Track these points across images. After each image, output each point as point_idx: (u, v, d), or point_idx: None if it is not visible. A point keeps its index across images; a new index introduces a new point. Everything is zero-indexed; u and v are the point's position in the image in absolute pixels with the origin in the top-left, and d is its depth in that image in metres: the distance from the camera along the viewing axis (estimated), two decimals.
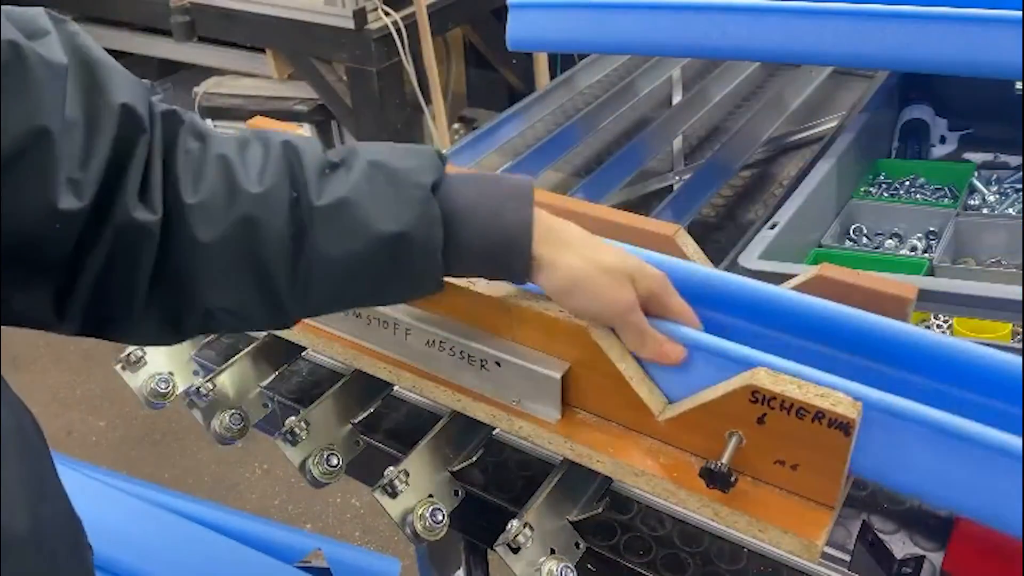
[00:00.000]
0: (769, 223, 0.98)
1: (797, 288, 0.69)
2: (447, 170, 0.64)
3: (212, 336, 1.00)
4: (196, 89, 2.84)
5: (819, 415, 0.57)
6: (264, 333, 0.94)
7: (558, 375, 0.68)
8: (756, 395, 0.59)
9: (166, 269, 0.56)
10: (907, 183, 1.20)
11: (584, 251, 0.65)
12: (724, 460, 0.60)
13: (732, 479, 0.60)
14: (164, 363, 0.93)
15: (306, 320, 0.85)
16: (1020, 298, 0.78)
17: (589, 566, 0.74)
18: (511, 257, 0.63)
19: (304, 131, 0.88)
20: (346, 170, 0.60)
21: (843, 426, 0.56)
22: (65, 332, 0.57)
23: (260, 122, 1.04)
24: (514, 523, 0.68)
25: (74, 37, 0.54)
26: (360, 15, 2.37)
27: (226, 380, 0.89)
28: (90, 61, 0.54)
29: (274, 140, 0.61)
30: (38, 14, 0.53)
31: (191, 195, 0.56)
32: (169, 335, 0.60)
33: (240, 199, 0.57)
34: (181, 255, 0.56)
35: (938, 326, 0.99)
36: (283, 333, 0.88)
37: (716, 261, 0.83)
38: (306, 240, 0.58)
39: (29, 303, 0.54)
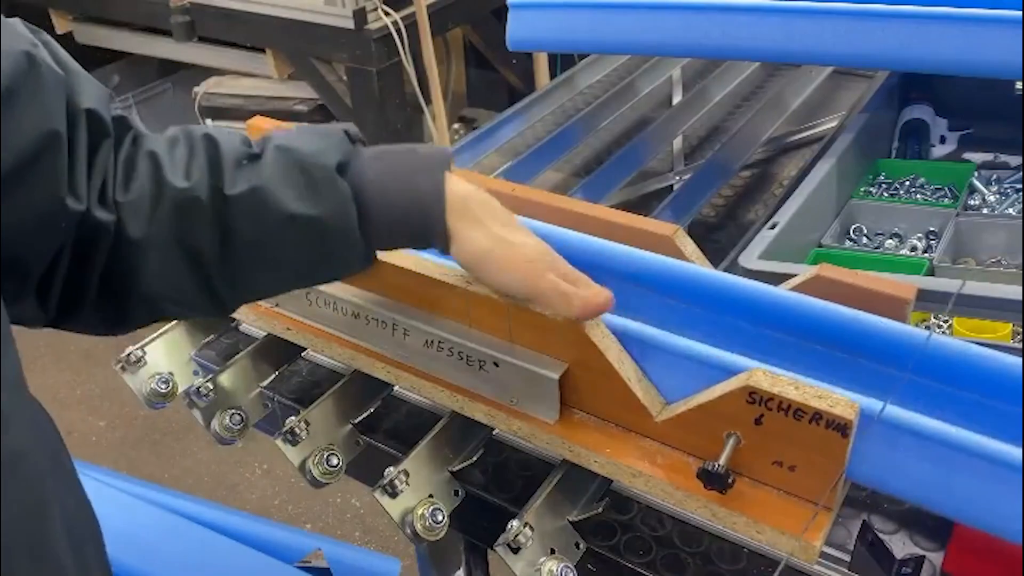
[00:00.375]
0: (769, 223, 0.98)
1: (796, 289, 0.69)
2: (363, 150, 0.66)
3: (212, 336, 1.00)
4: (196, 89, 2.85)
5: (816, 416, 0.57)
6: (264, 333, 0.94)
7: (556, 375, 0.68)
8: (753, 396, 0.59)
9: (110, 266, 0.59)
10: (907, 183, 1.20)
11: (493, 228, 0.65)
12: (721, 461, 0.60)
13: (729, 480, 0.60)
14: (164, 363, 0.93)
15: (305, 320, 0.85)
16: (1020, 298, 0.78)
17: (589, 566, 0.74)
18: (426, 227, 0.65)
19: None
20: (260, 158, 0.63)
21: (840, 427, 0.56)
22: (39, 325, 0.61)
23: (259, 122, 1.04)
24: (514, 523, 0.68)
25: (50, 46, 0.57)
26: (360, 15, 2.37)
27: (226, 380, 0.89)
28: (69, 70, 0.57)
29: (197, 135, 0.64)
30: (17, 24, 0.55)
31: (122, 193, 0.59)
32: (116, 325, 0.63)
33: (166, 191, 0.60)
34: (120, 252, 0.59)
35: (938, 326, 0.99)
36: (282, 333, 0.88)
37: (716, 261, 0.83)
38: (228, 229, 0.61)
39: (21, 302, 0.57)
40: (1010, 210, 1.12)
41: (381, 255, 0.72)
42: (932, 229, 1.10)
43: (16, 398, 0.47)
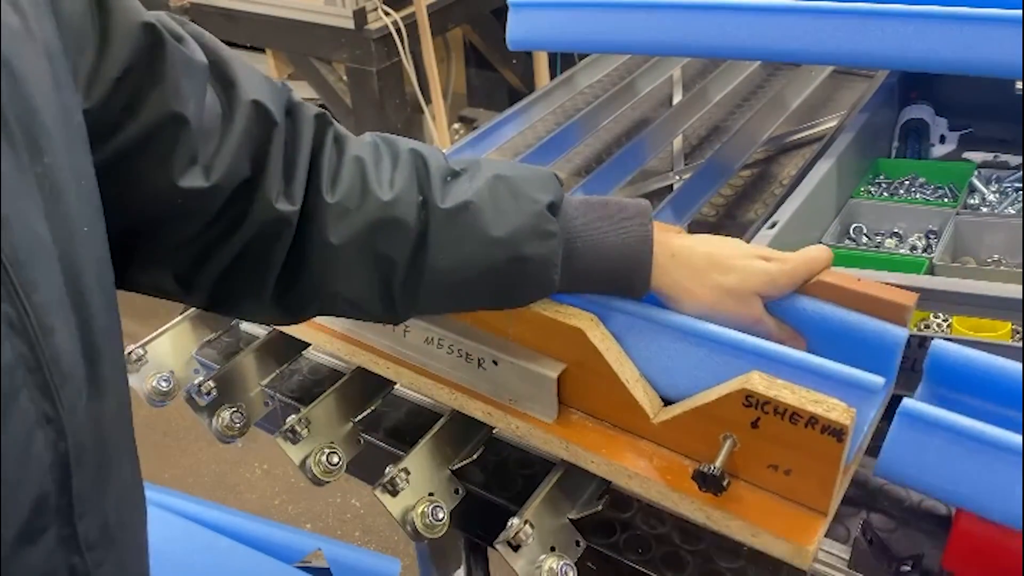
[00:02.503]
0: (769, 223, 0.98)
1: (795, 293, 0.69)
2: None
3: (213, 334, 1.00)
4: None
5: (812, 421, 0.57)
6: (265, 332, 0.94)
7: (554, 375, 0.69)
8: (750, 399, 0.59)
9: (296, 259, 0.61)
10: (907, 183, 1.20)
11: (709, 277, 0.66)
12: (717, 464, 0.60)
13: (724, 483, 0.60)
14: (165, 362, 0.93)
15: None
16: (1020, 297, 0.78)
17: (589, 564, 0.74)
18: (632, 277, 0.65)
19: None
20: (469, 178, 0.64)
21: (836, 432, 0.56)
22: (192, 304, 0.63)
23: None
24: (515, 521, 0.68)
25: (202, 37, 0.59)
26: (360, 15, 2.37)
27: (227, 378, 0.89)
28: (222, 60, 0.58)
29: (402, 147, 0.65)
30: (162, 16, 0.56)
31: (329, 194, 0.60)
32: (287, 316, 0.66)
33: (370, 202, 0.62)
34: (312, 249, 0.61)
35: (938, 325, 0.99)
36: (285, 329, 0.89)
37: None
38: (428, 240, 0.62)
39: (152, 275, 0.59)
40: (1010, 209, 1.12)
41: None
42: (932, 228, 1.10)
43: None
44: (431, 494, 0.76)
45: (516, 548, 0.68)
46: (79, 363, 0.42)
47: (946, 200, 1.16)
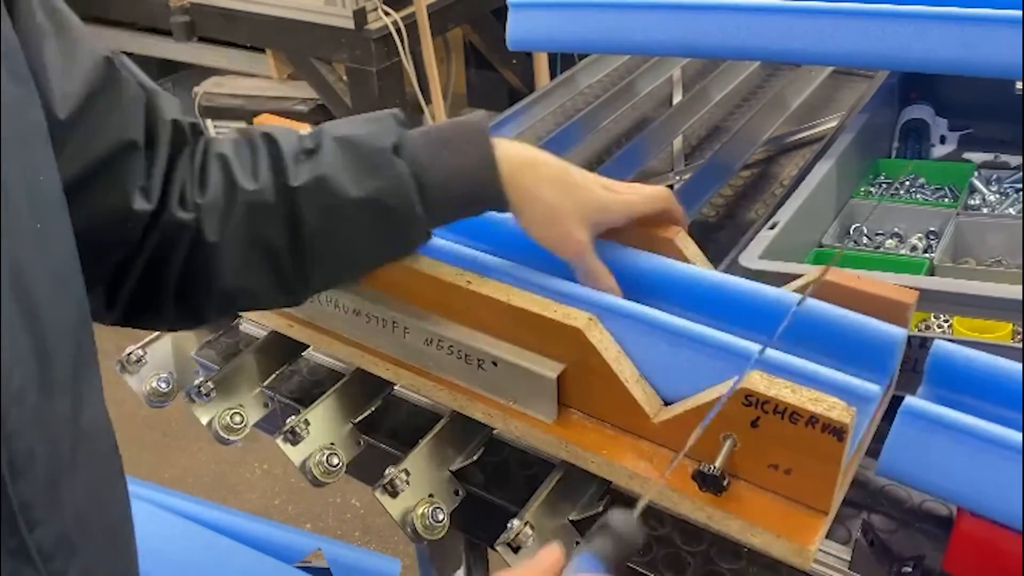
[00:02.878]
0: (769, 223, 0.98)
1: (797, 292, 0.69)
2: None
3: (213, 335, 1.00)
4: (196, 89, 2.84)
5: (812, 420, 0.57)
6: (265, 332, 0.94)
7: (553, 375, 0.68)
8: (749, 398, 0.59)
9: (184, 264, 0.63)
10: (907, 183, 1.20)
11: (551, 190, 0.69)
12: (717, 463, 0.60)
13: (724, 482, 0.60)
14: (165, 363, 0.93)
15: (307, 317, 0.85)
16: (1020, 298, 0.78)
17: None
18: (485, 193, 0.69)
19: (308, 130, 0.91)
20: (318, 150, 0.66)
21: (836, 431, 0.56)
22: (106, 321, 0.64)
23: (267, 119, 1.04)
24: (515, 522, 0.68)
25: (129, 66, 0.61)
26: (360, 15, 2.36)
27: (227, 379, 0.89)
28: (148, 88, 0.61)
29: (256, 135, 0.68)
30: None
31: (200, 196, 0.63)
32: (191, 319, 0.68)
33: (239, 195, 0.64)
34: (194, 252, 0.63)
35: (938, 326, 0.99)
36: (284, 330, 0.89)
37: (716, 261, 0.83)
38: (298, 222, 0.64)
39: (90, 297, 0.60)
40: (1010, 210, 1.12)
41: None
42: (932, 229, 1.10)
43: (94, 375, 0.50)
44: (431, 495, 0.76)
45: (516, 550, 0.67)
46: (25, 364, 0.41)
47: (946, 200, 1.15)
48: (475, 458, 0.82)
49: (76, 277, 0.48)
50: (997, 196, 1.16)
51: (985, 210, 1.14)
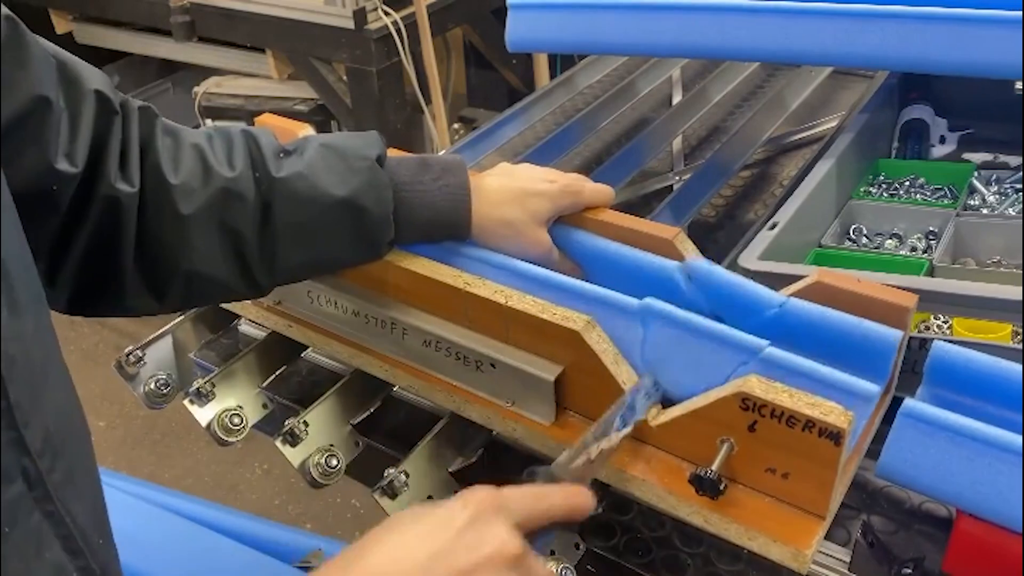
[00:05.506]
0: (769, 223, 0.97)
1: (795, 295, 0.68)
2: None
3: (212, 336, 1.00)
4: (196, 89, 2.84)
5: (809, 424, 0.57)
6: (265, 333, 0.94)
7: (551, 377, 0.68)
8: (747, 402, 0.59)
9: (150, 241, 0.64)
10: (907, 183, 1.20)
11: (505, 210, 0.74)
12: (714, 467, 0.60)
13: (721, 486, 0.60)
14: (165, 363, 0.93)
15: (306, 318, 0.85)
16: (1020, 298, 0.78)
17: (589, 567, 0.74)
18: (456, 218, 0.73)
19: (308, 130, 0.93)
20: (299, 152, 0.69)
21: (833, 436, 0.56)
22: (56, 304, 0.65)
23: (267, 119, 1.04)
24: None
25: (40, 40, 0.62)
26: (360, 15, 2.36)
27: (226, 381, 0.89)
28: (62, 59, 0.62)
29: (234, 131, 0.70)
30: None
31: (173, 176, 0.65)
32: (152, 303, 0.68)
33: (214, 179, 0.66)
34: (164, 227, 0.65)
35: (938, 327, 0.99)
36: (284, 331, 0.88)
37: (716, 261, 0.83)
38: (271, 211, 0.67)
39: None
40: (1010, 210, 1.12)
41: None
42: (932, 229, 1.10)
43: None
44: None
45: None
46: None
47: (946, 201, 1.15)
48: (474, 459, 0.81)
49: (14, 213, 0.49)
50: (997, 196, 1.16)
51: (985, 210, 1.14)
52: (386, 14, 2.38)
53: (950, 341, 0.65)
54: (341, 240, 0.70)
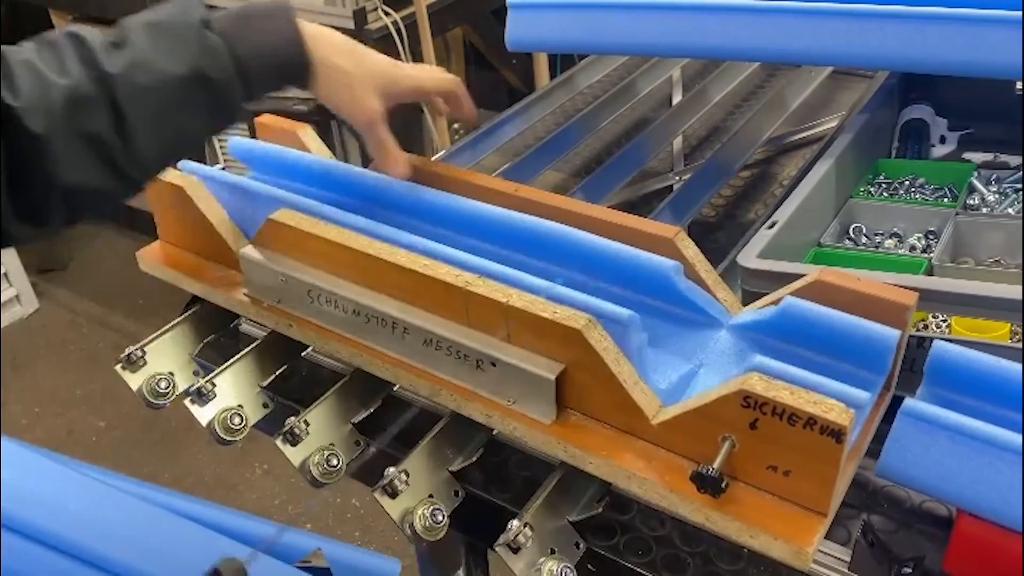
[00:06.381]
0: (768, 222, 0.97)
1: (796, 293, 0.69)
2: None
3: (212, 336, 1.00)
4: None
5: (811, 422, 0.57)
6: (265, 332, 0.94)
7: (552, 376, 0.68)
8: (748, 400, 0.59)
9: (15, 168, 0.64)
10: (907, 183, 1.20)
11: (348, 58, 0.79)
12: (715, 465, 0.60)
13: (723, 484, 0.60)
14: (164, 363, 0.93)
15: (306, 317, 0.85)
16: (1020, 298, 0.78)
17: (589, 566, 0.74)
18: (292, 64, 0.76)
19: (307, 130, 0.95)
20: (127, 40, 0.69)
21: (835, 433, 0.56)
22: None
23: (267, 119, 1.05)
24: (514, 523, 0.68)
25: None
26: (360, 15, 2.36)
27: (226, 380, 0.89)
28: None
29: (57, 36, 0.70)
30: None
31: (13, 99, 0.64)
32: (33, 222, 0.68)
33: (54, 91, 0.65)
34: (24, 151, 0.64)
35: (936, 326, 0.99)
36: (284, 330, 0.89)
37: (716, 261, 0.83)
38: (120, 107, 0.67)
39: None
40: (1009, 210, 1.12)
41: (382, 254, 0.73)
42: (931, 229, 1.10)
43: None
44: (430, 496, 0.76)
45: (516, 550, 0.67)
46: None
47: (946, 201, 1.15)
48: (475, 459, 0.82)
49: None
50: (996, 196, 1.16)
51: (984, 210, 1.14)
52: (386, 14, 2.38)
53: (948, 340, 0.65)
54: (196, 114, 0.71)
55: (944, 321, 0.99)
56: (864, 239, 1.13)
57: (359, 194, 0.91)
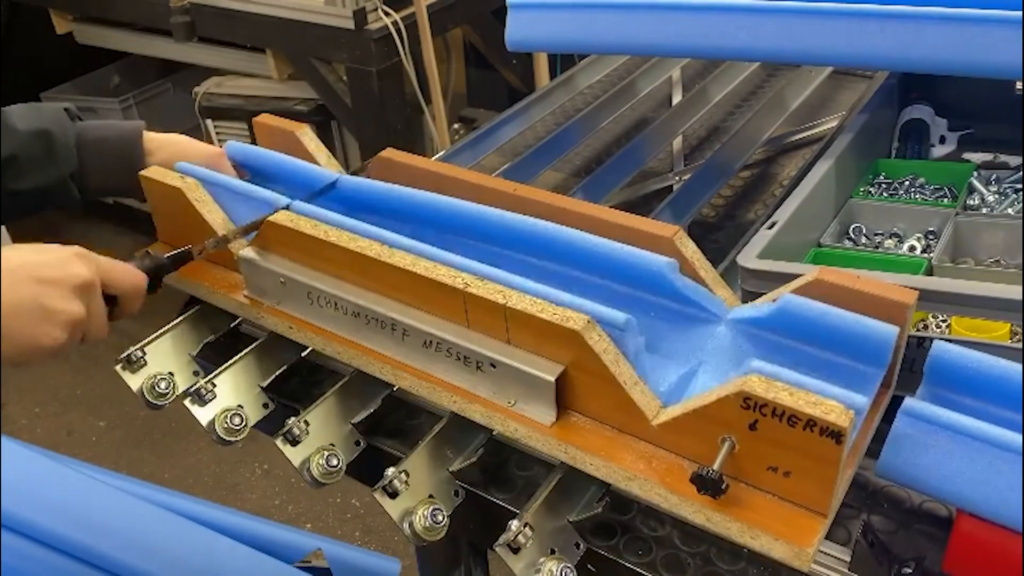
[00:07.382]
0: (768, 222, 0.97)
1: (796, 292, 0.69)
2: None
3: (212, 336, 0.99)
4: (196, 89, 2.84)
5: (811, 423, 0.57)
6: (265, 333, 0.94)
7: (552, 377, 0.68)
8: (748, 401, 0.59)
9: None
10: (907, 183, 1.20)
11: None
12: (715, 466, 0.60)
13: (723, 485, 0.60)
14: (164, 363, 0.93)
15: (307, 319, 0.85)
16: (1019, 298, 0.78)
17: (589, 566, 0.74)
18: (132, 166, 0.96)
19: (307, 131, 0.96)
20: None
21: (834, 434, 0.56)
22: None
23: (266, 119, 1.04)
24: (514, 523, 0.68)
25: None
26: (360, 15, 2.36)
27: (226, 380, 0.89)
28: None
29: None
30: None
31: None
32: None
33: None
34: None
35: (936, 326, 0.99)
36: (284, 331, 0.88)
37: (715, 261, 0.83)
38: None
39: None
40: (1009, 210, 1.12)
41: (381, 256, 0.73)
42: (931, 229, 1.10)
43: None
44: (430, 496, 0.76)
45: (516, 551, 0.67)
46: None
47: (946, 201, 1.15)
48: (474, 459, 0.82)
49: None
50: (996, 196, 1.16)
51: (984, 210, 1.14)
52: (386, 14, 2.38)
53: (948, 340, 0.65)
54: (35, 167, 0.90)
55: (944, 321, 0.99)
56: (864, 239, 1.13)
57: (358, 200, 0.91)
